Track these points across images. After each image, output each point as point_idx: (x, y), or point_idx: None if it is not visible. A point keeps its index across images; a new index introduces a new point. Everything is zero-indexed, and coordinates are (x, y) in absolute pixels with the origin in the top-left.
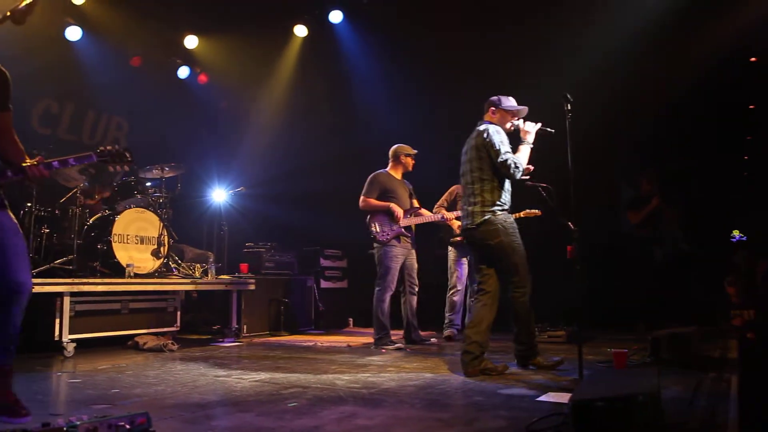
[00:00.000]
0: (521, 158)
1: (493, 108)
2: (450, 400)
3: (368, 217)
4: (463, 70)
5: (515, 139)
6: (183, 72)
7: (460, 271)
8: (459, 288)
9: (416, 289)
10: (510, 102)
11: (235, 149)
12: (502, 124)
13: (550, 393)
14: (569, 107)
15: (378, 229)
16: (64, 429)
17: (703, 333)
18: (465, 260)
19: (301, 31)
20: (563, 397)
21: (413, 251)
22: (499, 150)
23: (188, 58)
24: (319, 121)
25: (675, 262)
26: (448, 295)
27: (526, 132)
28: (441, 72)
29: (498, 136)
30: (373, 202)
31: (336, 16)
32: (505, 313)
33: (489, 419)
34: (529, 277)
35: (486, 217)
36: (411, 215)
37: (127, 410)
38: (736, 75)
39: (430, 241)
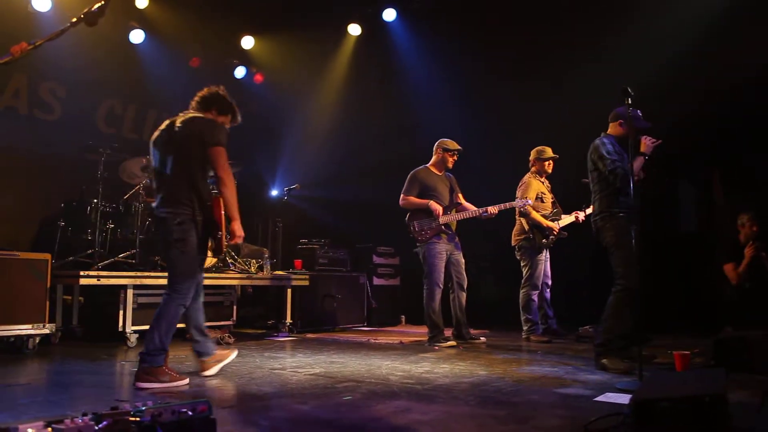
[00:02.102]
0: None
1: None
2: (505, 397)
3: (408, 215)
4: (518, 67)
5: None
6: (240, 72)
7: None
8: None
9: (465, 285)
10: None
11: (291, 148)
12: None
13: (608, 393)
14: (630, 101)
15: (417, 228)
16: (132, 412)
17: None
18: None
19: (354, 29)
20: (622, 398)
21: (457, 245)
22: None
23: (245, 58)
24: (373, 121)
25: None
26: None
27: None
28: (496, 71)
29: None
30: (412, 199)
31: (389, 14)
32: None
33: (545, 418)
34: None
35: None
36: (452, 211)
37: (188, 398)
38: None
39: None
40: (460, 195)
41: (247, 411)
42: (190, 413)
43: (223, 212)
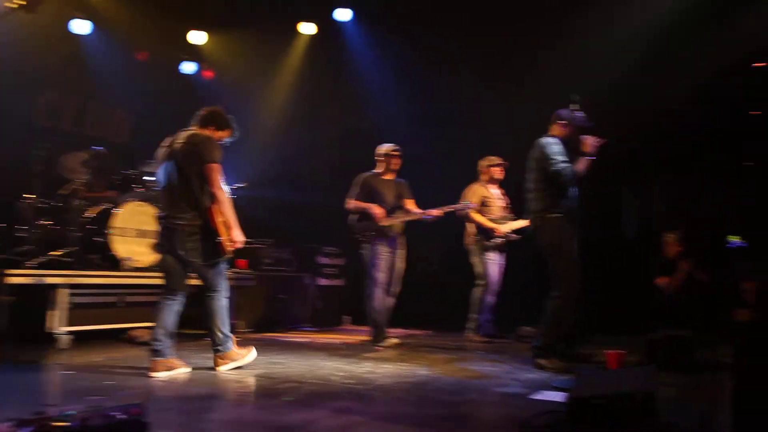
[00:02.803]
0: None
1: None
2: (445, 397)
3: (352, 217)
4: (473, 68)
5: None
6: (189, 67)
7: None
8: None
9: (396, 292)
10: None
11: (239, 146)
12: None
13: (544, 391)
14: (573, 107)
15: (360, 230)
16: (59, 417)
17: (699, 336)
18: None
19: (308, 28)
20: (558, 396)
21: (401, 251)
22: None
23: (194, 53)
24: (324, 122)
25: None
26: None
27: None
28: (451, 72)
29: None
30: (356, 202)
31: (343, 14)
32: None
33: (483, 416)
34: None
35: None
36: (394, 215)
37: (122, 402)
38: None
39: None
40: (409, 201)
41: (184, 413)
42: (122, 417)
43: (220, 220)
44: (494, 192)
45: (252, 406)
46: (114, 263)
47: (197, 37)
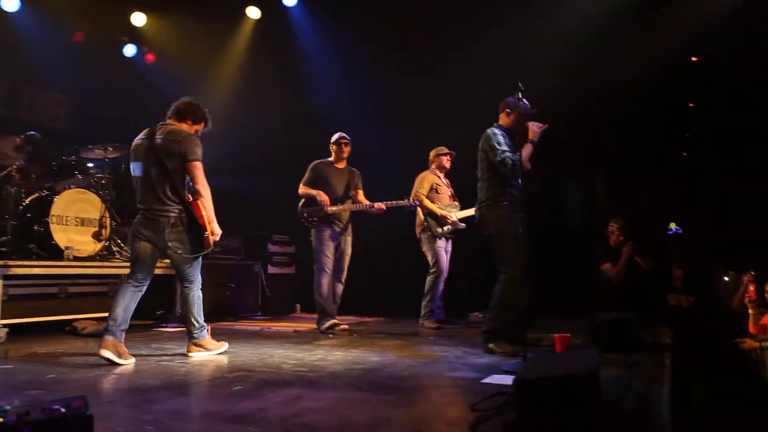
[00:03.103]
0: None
1: None
2: (396, 382)
3: (300, 203)
4: (418, 55)
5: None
6: (129, 50)
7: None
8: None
9: (342, 278)
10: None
11: None
12: None
13: (494, 375)
14: (520, 96)
15: (306, 215)
16: None
17: (640, 318)
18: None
19: (253, 12)
20: (507, 379)
21: (348, 238)
22: None
23: (135, 36)
24: (270, 109)
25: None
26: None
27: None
28: (396, 58)
29: None
30: (305, 188)
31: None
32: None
33: (434, 400)
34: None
35: None
36: (342, 203)
37: (64, 395)
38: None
39: None
40: (359, 191)
41: (130, 405)
42: (63, 410)
43: (203, 213)
44: (443, 180)
45: (200, 396)
46: (54, 253)
47: (139, 19)
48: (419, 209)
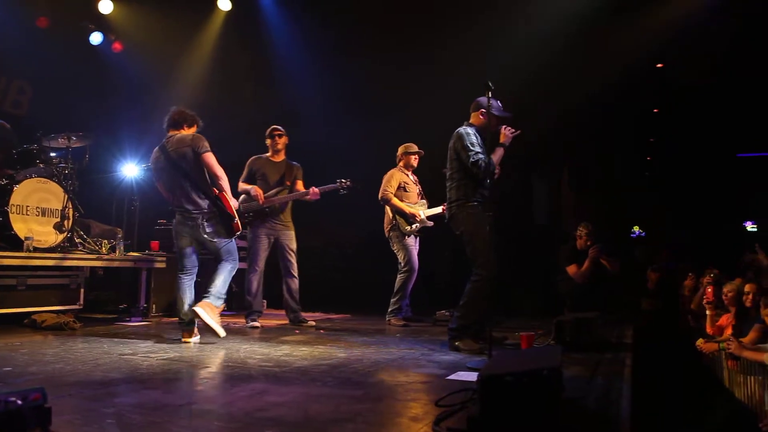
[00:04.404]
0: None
1: None
2: (362, 378)
3: (239, 200)
4: (390, 51)
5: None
6: (96, 38)
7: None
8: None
9: (292, 271)
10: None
11: (150, 122)
12: None
13: (459, 372)
14: (490, 95)
15: (242, 211)
16: None
17: (603, 318)
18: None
19: (224, 4)
20: (472, 376)
21: (288, 233)
22: None
23: (102, 23)
24: (241, 100)
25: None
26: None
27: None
28: (367, 53)
29: None
30: (240, 184)
31: None
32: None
33: (400, 396)
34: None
35: None
36: (275, 195)
37: (20, 388)
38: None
39: None
40: (298, 182)
41: (90, 398)
42: (19, 402)
43: (230, 204)
44: (411, 178)
45: (164, 390)
46: (13, 243)
47: (105, 7)
48: (387, 207)
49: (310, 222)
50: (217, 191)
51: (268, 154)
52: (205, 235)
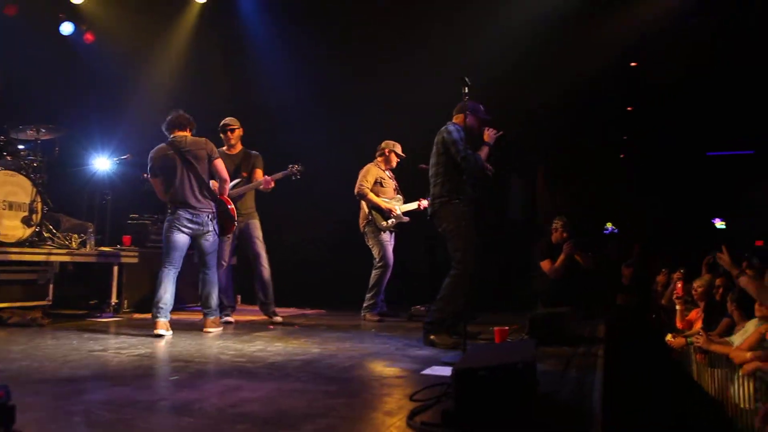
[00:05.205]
0: None
1: None
2: (336, 373)
3: None
4: (366, 48)
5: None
6: (67, 28)
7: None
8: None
9: (261, 260)
10: None
11: (122, 115)
12: None
13: (434, 366)
14: (467, 90)
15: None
16: None
17: (576, 313)
18: None
19: None
20: (447, 370)
21: (252, 221)
22: None
23: (73, 13)
24: (216, 93)
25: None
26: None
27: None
28: (342, 47)
29: None
30: None
31: None
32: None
33: (374, 391)
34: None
35: None
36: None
37: None
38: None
39: None
40: (257, 170)
41: (57, 396)
42: None
43: (232, 206)
44: (388, 174)
45: (135, 387)
46: None
47: None
48: (363, 202)
49: (285, 217)
50: (220, 194)
51: (223, 148)
52: (208, 233)
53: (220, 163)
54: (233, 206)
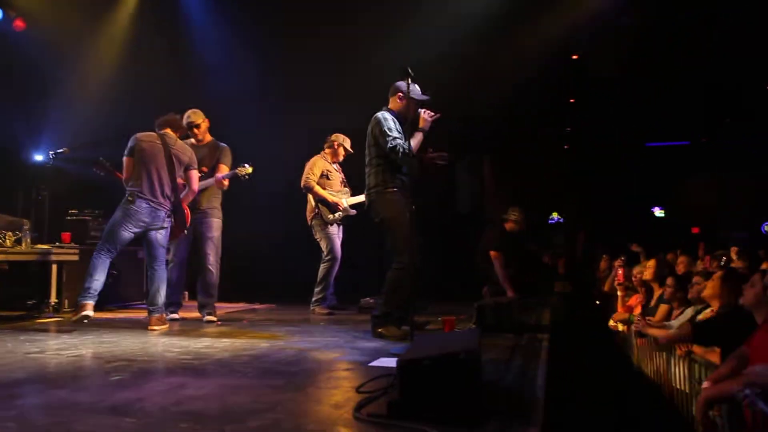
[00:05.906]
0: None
1: None
2: (284, 367)
3: None
4: (307, 37)
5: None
6: None
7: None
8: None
9: (207, 263)
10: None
11: (58, 108)
12: None
13: (382, 358)
14: (410, 81)
15: None
16: None
17: (522, 302)
18: None
19: None
20: (394, 362)
21: (208, 220)
22: None
23: None
24: (158, 83)
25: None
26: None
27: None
28: (285, 38)
29: None
30: None
31: None
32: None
33: (321, 384)
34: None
35: None
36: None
37: None
38: (560, 71)
39: None
40: (221, 166)
41: None
42: None
43: (188, 212)
44: (335, 166)
45: (73, 389)
46: None
47: None
48: (310, 196)
49: (233, 211)
50: (182, 200)
51: (191, 140)
52: (161, 229)
53: (194, 175)
54: (188, 212)
